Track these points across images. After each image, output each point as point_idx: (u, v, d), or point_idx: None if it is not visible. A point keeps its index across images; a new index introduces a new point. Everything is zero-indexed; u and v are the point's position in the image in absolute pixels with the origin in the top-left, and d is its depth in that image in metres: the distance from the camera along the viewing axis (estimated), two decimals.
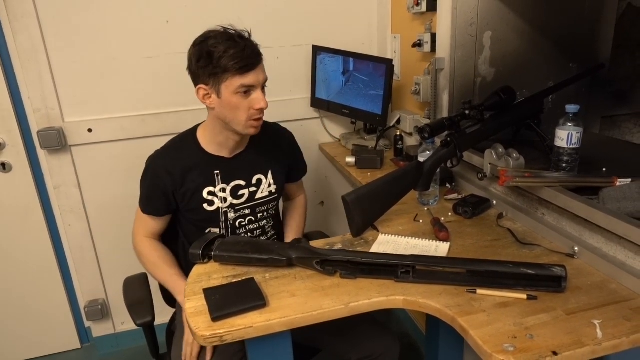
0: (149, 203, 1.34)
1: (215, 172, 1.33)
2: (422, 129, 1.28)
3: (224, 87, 1.17)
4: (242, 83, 1.17)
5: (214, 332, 0.89)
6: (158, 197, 1.32)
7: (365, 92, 1.91)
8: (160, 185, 1.31)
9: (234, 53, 1.14)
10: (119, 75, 1.88)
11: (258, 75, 1.19)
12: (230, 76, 1.16)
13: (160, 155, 1.33)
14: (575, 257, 1.07)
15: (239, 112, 1.20)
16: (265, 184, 1.40)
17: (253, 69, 1.18)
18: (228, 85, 1.17)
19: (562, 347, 0.79)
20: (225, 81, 1.17)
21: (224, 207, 1.35)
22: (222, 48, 1.14)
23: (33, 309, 2.08)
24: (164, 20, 1.87)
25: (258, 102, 1.20)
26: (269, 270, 1.08)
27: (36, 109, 1.82)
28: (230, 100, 1.19)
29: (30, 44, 1.75)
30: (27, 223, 1.97)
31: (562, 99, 1.63)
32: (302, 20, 2.03)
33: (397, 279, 1.01)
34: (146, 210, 1.35)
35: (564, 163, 1.21)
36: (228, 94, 1.18)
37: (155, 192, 1.32)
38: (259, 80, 1.20)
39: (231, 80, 1.16)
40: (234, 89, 1.17)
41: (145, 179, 1.34)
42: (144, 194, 1.35)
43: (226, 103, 1.20)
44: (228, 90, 1.18)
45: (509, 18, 1.57)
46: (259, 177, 1.39)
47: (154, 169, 1.32)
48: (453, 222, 1.29)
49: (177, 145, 1.35)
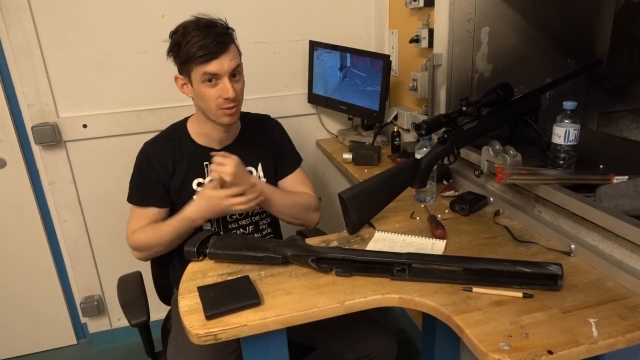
0: (145, 192, 1.31)
1: (205, 163, 1.33)
2: (419, 125, 1.27)
3: (193, 76, 1.21)
4: (204, 71, 1.18)
5: (208, 330, 0.89)
6: (155, 186, 1.31)
7: (362, 88, 1.90)
8: (154, 174, 1.30)
9: (196, 42, 1.16)
10: (114, 71, 1.87)
11: (222, 63, 1.19)
12: (195, 65, 1.18)
13: (152, 145, 1.34)
14: (572, 254, 1.07)
15: (208, 101, 1.22)
16: (255, 177, 1.38)
17: (216, 58, 1.18)
18: (195, 74, 1.20)
19: (557, 346, 0.79)
20: (192, 70, 1.20)
21: None
22: (187, 38, 1.17)
23: (29, 305, 2.08)
24: (160, 15, 1.86)
25: (224, 92, 1.21)
26: (264, 267, 1.08)
27: (30, 104, 1.81)
28: (199, 89, 1.22)
29: (24, 38, 1.73)
30: (22, 219, 1.96)
31: (559, 95, 1.63)
32: (299, 15, 2.01)
33: (392, 276, 1.01)
34: (146, 201, 1.31)
35: (561, 160, 1.21)
36: (196, 83, 1.21)
37: (151, 182, 1.31)
38: (223, 69, 1.19)
39: (196, 69, 1.19)
40: (199, 78, 1.20)
41: (139, 169, 1.33)
42: (138, 183, 1.32)
43: (197, 92, 1.23)
44: (196, 79, 1.21)
45: (507, 13, 1.56)
46: (249, 170, 1.38)
47: (148, 159, 1.32)
48: (450, 219, 1.29)
49: (169, 136, 1.36)
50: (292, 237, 1.14)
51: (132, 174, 1.34)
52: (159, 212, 1.32)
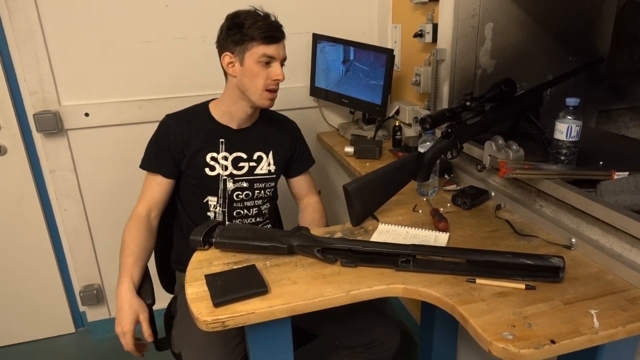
0: (157, 160, 1.37)
1: (221, 140, 1.40)
2: (423, 119, 1.28)
3: (248, 55, 1.29)
4: (265, 52, 1.28)
5: (216, 317, 0.90)
6: (164, 155, 1.37)
7: (365, 82, 1.91)
8: (169, 144, 1.36)
9: (261, 24, 1.27)
10: (117, 60, 1.86)
11: (279, 49, 1.31)
12: (256, 45, 1.28)
13: (173, 117, 1.41)
14: (573, 248, 1.09)
15: (258, 80, 1.31)
16: (265, 162, 1.46)
17: (276, 42, 1.30)
18: (252, 53, 1.28)
19: (560, 335, 0.81)
20: (250, 49, 1.28)
21: (224, 175, 1.40)
22: (251, 20, 1.28)
23: (28, 293, 2.08)
24: (163, 5, 1.85)
25: (276, 74, 1.32)
26: (270, 257, 1.09)
27: (32, 91, 1.80)
28: (252, 68, 1.30)
29: (27, 25, 1.72)
30: (22, 207, 1.96)
31: (560, 92, 1.65)
32: (302, 8, 2.01)
33: (397, 267, 1.02)
34: (154, 167, 1.37)
35: (563, 156, 1.22)
36: (251, 62, 1.29)
37: (162, 150, 1.37)
38: (279, 54, 1.32)
39: (256, 48, 1.28)
40: (257, 57, 1.28)
41: (156, 138, 1.40)
42: (152, 151, 1.39)
43: (247, 70, 1.30)
44: (251, 58, 1.29)
45: (511, 10, 1.57)
46: (260, 155, 1.45)
47: (166, 129, 1.38)
48: (452, 212, 1.30)
49: (190, 112, 1.43)
50: (297, 227, 1.15)
51: (149, 141, 1.41)
52: (163, 181, 1.38)
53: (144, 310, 1.20)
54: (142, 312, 1.19)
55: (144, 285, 1.27)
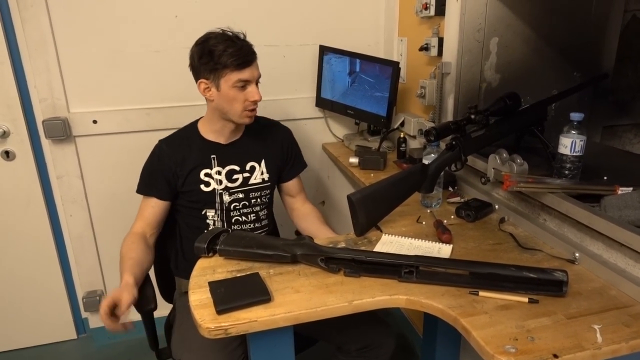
0: (151, 185, 1.41)
1: (212, 156, 1.44)
2: (428, 131, 1.29)
3: (223, 82, 1.31)
4: (239, 78, 1.31)
5: (219, 324, 0.90)
6: (158, 178, 1.40)
7: (370, 94, 1.93)
8: (163, 167, 1.41)
9: (232, 51, 1.28)
10: (126, 68, 1.89)
11: (253, 71, 1.33)
12: (229, 72, 1.30)
13: (165, 142, 1.45)
14: (576, 263, 1.08)
15: (235, 103, 1.34)
16: (258, 172, 1.49)
17: (249, 66, 1.32)
18: (227, 79, 1.31)
19: (562, 350, 0.81)
20: (224, 76, 1.30)
21: (219, 189, 1.43)
22: (221, 47, 1.28)
23: (31, 298, 2.09)
24: (173, 15, 1.88)
25: (252, 95, 1.34)
26: (273, 266, 1.10)
27: (42, 98, 1.83)
28: (228, 93, 1.32)
29: (39, 34, 1.75)
30: (28, 212, 1.97)
31: (565, 107, 1.65)
32: (309, 20, 2.04)
33: (400, 278, 1.03)
34: (149, 191, 1.41)
35: (567, 170, 1.23)
36: (226, 88, 1.32)
37: (156, 174, 1.41)
38: (254, 76, 1.34)
39: (230, 75, 1.30)
40: (232, 83, 1.31)
41: (150, 162, 1.44)
42: (146, 175, 1.42)
43: (224, 95, 1.33)
44: (227, 84, 1.31)
45: (516, 25, 1.59)
46: (252, 164, 1.48)
47: (159, 153, 1.43)
48: (455, 225, 1.31)
49: (181, 134, 1.48)
50: (301, 237, 1.16)
51: (144, 166, 1.44)
52: (158, 203, 1.42)
53: (130, 293, 1.16)
54: (127, 294, 1.16)
55: (146, 290, 1.28)
